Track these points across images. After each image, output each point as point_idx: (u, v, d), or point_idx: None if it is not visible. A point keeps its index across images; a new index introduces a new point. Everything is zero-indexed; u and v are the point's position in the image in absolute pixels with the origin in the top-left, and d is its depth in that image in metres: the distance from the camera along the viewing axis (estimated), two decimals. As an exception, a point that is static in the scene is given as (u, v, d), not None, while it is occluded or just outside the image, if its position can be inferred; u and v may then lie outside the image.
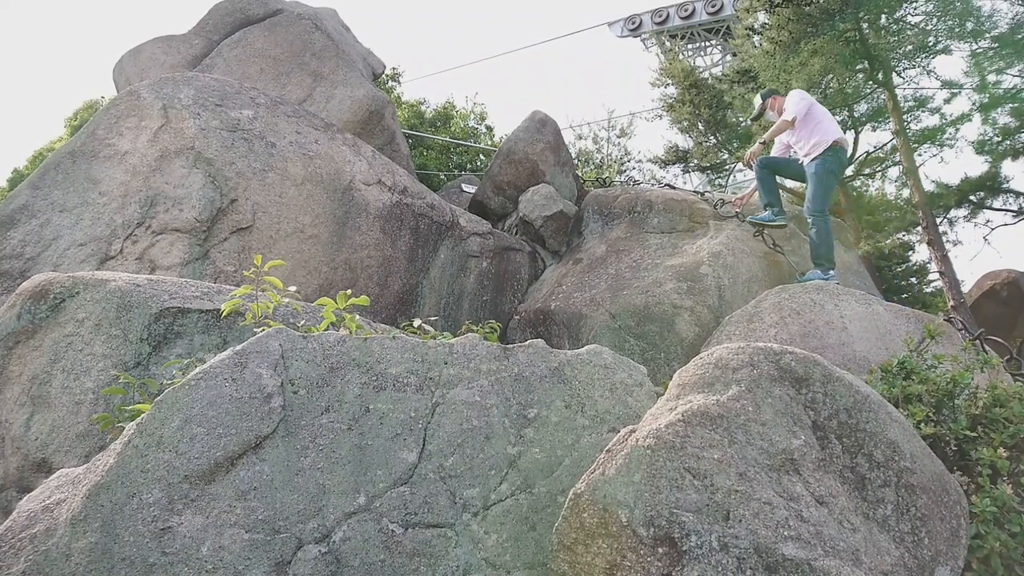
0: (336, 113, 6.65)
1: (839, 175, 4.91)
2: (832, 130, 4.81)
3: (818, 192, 4.73)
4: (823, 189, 4.74)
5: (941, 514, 1.84)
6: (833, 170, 4.79)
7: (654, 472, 1.69)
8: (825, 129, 4.79)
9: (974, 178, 11.45)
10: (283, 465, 1.89)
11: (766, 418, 1.83)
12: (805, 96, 4.98)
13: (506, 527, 1.97)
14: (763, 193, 5.21)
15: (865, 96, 11.72)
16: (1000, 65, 10.13)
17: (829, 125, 4.84)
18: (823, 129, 4.79)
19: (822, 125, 4.81)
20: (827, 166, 4.74)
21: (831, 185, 4.83)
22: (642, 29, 23.40)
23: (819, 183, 4.73)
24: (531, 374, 2.31)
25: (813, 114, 4.86)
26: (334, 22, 8.10)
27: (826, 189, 4.77)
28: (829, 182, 4.79)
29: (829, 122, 4.88)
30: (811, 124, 4.84)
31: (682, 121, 15.48)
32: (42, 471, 2.56)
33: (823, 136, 4.76)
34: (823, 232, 4.67)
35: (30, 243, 3.85)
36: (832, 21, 9.64)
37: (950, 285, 9.57)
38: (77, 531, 1.71)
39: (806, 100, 4.91)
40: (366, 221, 4.88)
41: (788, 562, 1.57)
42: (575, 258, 6.01)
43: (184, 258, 3.97)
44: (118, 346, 2.72)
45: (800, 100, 4.90)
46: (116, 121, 4.38)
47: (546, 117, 7.03)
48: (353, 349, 2.16)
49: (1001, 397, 2.40)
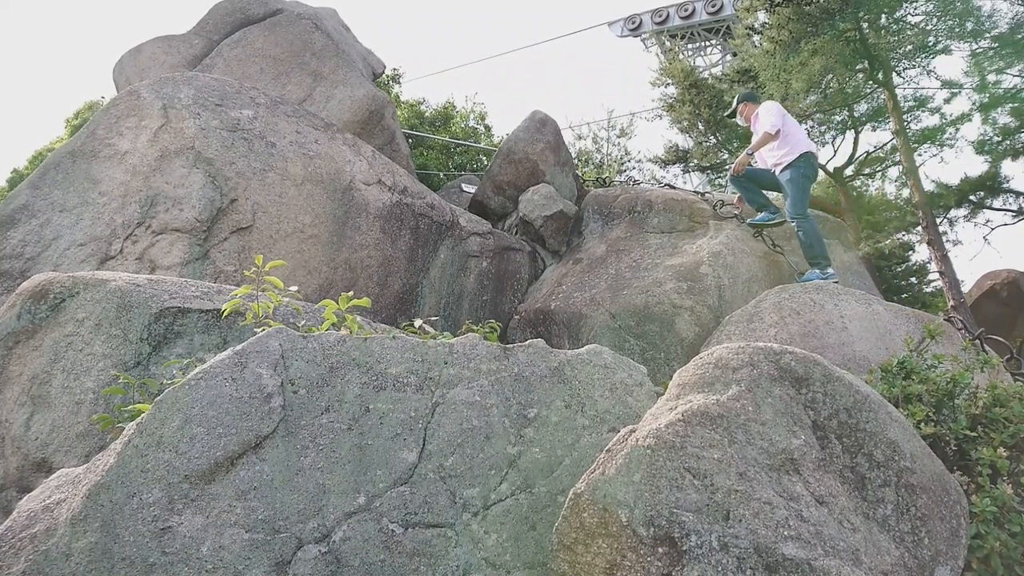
0: (336, 113, 6.65)
1: (813, 179, 5.15)
2: (802, 141, 5.05)
3: (797, 196, 4.91)
4: (801, 193, 4.93)
5: (941, 514, 1.84)
6: (808, 175, 5.01)
7: (654, 472, 1.69)
8: (796, 141, 5.03)
9: (974, 178, 11.43)
10: (283, 465, 1.89)
11: (766, 418, 1.83)
12: (779, 108, 5.22)
13: (506, 527, 1.97)
14: (750, 201, 5.39)
15: (865, 96, 11.71)
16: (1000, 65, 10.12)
17: (799, 136, 5.09)
18: (794, 141, 5.03)
19: (792, 137, 5.05)
20: (802, 171, 4.96)
21: (807, 188, 5.04)
22: (642, 29, 23.39)
23: (797, 188, 4.92)
24: (531, 374, 2.31)
25: (785, 126, 5.10)
26: (334, 22, 8.11)
27: (804, 192, 4.96)
28: (805, 185, 4.99)
29: (799, 133, 5.13)
30: (782, 136, 5.09)
31: (682, 121, 15.46)
32: (42, 471, 2.56)
33: (793, 147, 5.00)
34: (810, 232, 4.81)
35: (30, 243, 3.85)
36: (832, 21, 9.64)
37: (950, 285, 9.56)
38: (77, 531, 1.71)
39: (781, 112, 5.16)
40: (366, 221, 4.88)
41: (788, 562, 1.57)
42: (575, 258, 6.01)
43: (184, 258, 3.97)
44: (118, 346, 2.72)
45: (777, 113, 5.14)
46: (116, 121, 4.38)
47: (546, 117, 7.03)
48: (353, 349, 2.16)
49: (1001, 397, 2.40)
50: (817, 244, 4.77)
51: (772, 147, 5.14)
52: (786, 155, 5.01)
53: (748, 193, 5.35)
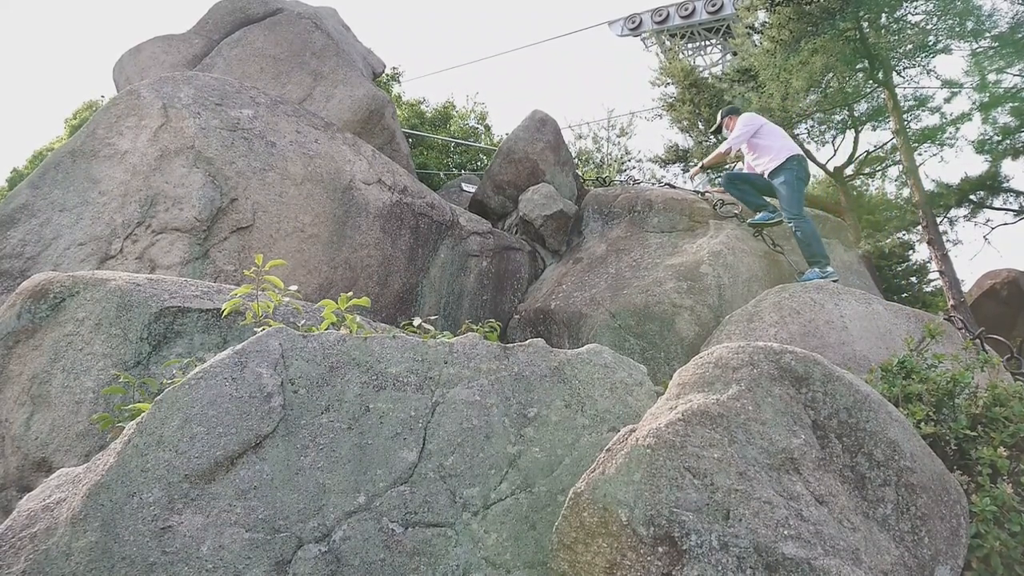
0: (336, 112, 6.65)
1: (806, 181, 5.17)
2: (785, 147, 5.10)
3: (792, 198, 4.93)
4: (795, 194, 4.95)
5: (941, 513, 1.84)
6: (800, 177, 5.04)
7: (654, 471, 1.69)
8: (778, 147, 5.10)
9: (974, 177, 11.43)
10: (283, 464, 1.89)
11: (766, 417, 1.83)
12: (752, 121, 5.30)
13: (506, 526, 1.97)
14: (747, 204, 5.43)
15: (865, 95, 11.70)
16: (1000, 64, 10.11)
17: (781, 143, 5.15)
18: (776, 148, 5.11)
19: (773, 145, 5.13)
20: (795, 174, 5.00)
21: (801, 189, 5.06)
22: (642, 28, 23.36)
23: (790, 189, 4.95)
24: (531, 373, 2.31)
25: (763, 135, 5.20)
26: (334, 21, 8.10)
27: (798, 193, 4.99)
28: (798, 187, 5.02)
29: (780, 140, 5.20)
30: (762, 144, 5.18)
31: (682, 120, 15.46)
32: (42, 470, 2.56)
33: (776, 154, 5.07)
34: (807, 232, 4.83)
35: (30, 242, 3.85)
36: (832, 20, 9.62)
37: (950, 284, 9.55)
38: (77, 530, 1.71)
39: (751, 125, 5.25)
40: (366, 220, 4.88)
41: (788, 561, 1.57)
42: (575, 257, 6.01)
43: (184, 257, 3.97)
44: (118, 345, 2.72)
45: (743, 128, 5.26)
46: (116, 120, 4.37)
47: (546, 116, 7.02)
48: (353, 348, 2.16)
49: (1001, 396, 2.39)
50: (815, 243, 4.79)
51: (753, 157, 5.29)
52: (769, 162, 5.10)
53: (745, 196, 5.39)
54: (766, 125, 5.29)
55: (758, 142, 5.24)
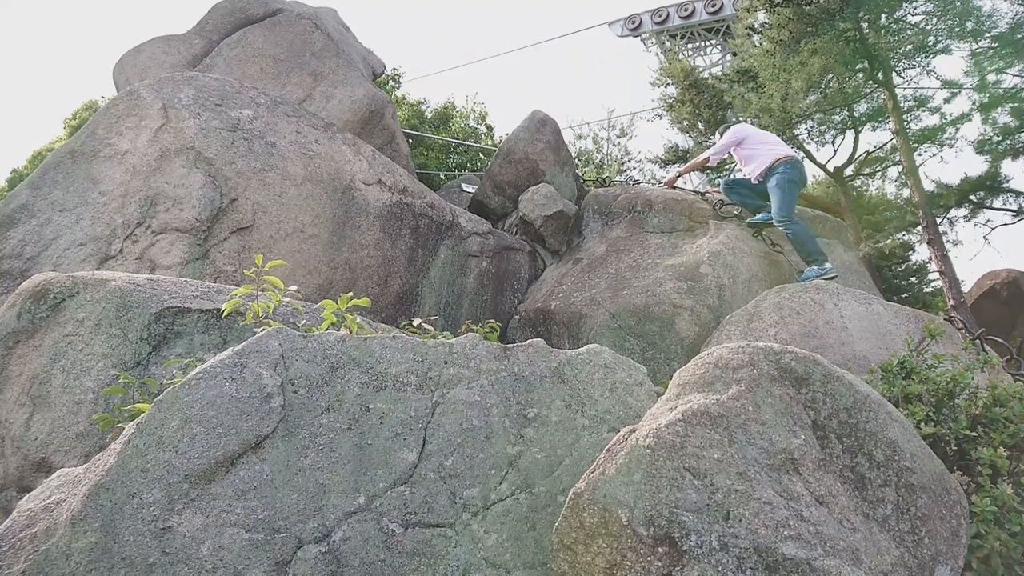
0: (336, 113, 6.65)
1: (800, 184, 5.19)
2: (768, 153, 5.17)
3: (783, 200, 4.96)
4: (787, 197, 4.99)
5: (941, 513, 1.83)
6: (794, 179, 5.06)
7: (654, 472, 1.69)
8: (763, 153, 5.19)
9: (974, 178, 11.44)
10: (283, 465, 1.89)
11: (766, 418, 1.83)
12: (735, 134, 5.41)
13: (506, 527, 1.97)
14: (746, 206, 5.49)
15: (865, 96, 11.71)
16: (1000, 65, 10.12)
17: (766, 149, 5.23)
18: (760, 155, 5.20)
19: (757, 152, 5.22)
20: (788, 176, 5.02)
21: (794, 192, 5.09)
22: (642, 29, 23.37)
23: (782, 192, 4.98)
24: (531, 374, 2.31)
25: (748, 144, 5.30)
26: (334, 22, 8.11)
27: (790, 196, 5.01)
28: (792, 190, 5.05)
29: (766, 146, 5.27)
30: (747, 154, 5.28)
31: (682, 121, 15.47)
32: (42, 471, 2.56)
33: (761, 161, 5.16)
34: (799, 233, 4.87)
35: (30, 243, 3.85)
36: (832, 21, 9.63)
37: (950, 285, 9.56)
38: (77, 531, 1.71)
39: (734, 138, 5.38)
40: (366, 221, 4.88)
41: (788, 561, 1.57)
42: (575, 258, 6.01)
43: (184, 258, 3.97)
44: (118, 346, 2.72)
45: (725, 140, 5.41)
46: (116, 121, 4.37)
47: (546, 117, 7.02)
48: (353, 349, 2.16)
49: (1001, 397, 2.40)
50: (809, 242, 4.82)
51: (742, 167, 5.40)
52: (755, 169, 5.18)
53: (744, 200, 5.45)
54: (752, 136, 5.39)
55: (744, 152, 5.35)
